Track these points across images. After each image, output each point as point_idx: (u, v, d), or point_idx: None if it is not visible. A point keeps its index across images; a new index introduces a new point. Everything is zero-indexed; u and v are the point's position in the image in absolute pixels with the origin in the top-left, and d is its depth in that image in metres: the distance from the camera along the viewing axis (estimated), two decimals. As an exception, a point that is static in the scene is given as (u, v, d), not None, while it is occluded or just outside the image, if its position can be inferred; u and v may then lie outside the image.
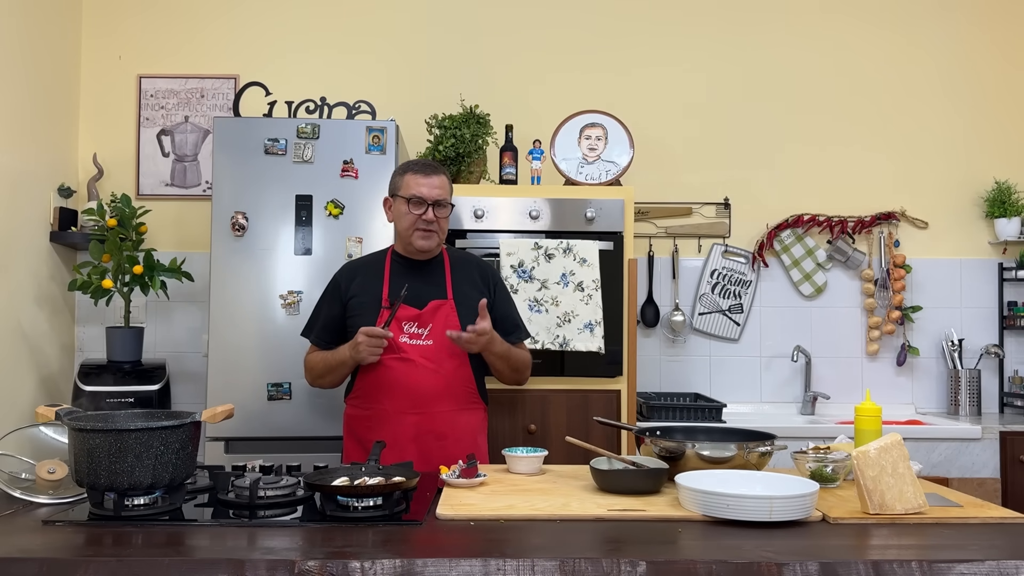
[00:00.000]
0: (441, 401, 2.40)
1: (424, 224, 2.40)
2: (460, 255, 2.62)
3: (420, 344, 2.40)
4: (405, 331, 2.40)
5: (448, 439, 2.37)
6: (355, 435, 2.47)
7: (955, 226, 3.89)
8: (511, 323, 2.56)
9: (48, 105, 3.52)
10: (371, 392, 2.42)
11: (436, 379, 2.39)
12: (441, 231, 2.45)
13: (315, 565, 1.36)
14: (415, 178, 2.41)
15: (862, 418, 2.10)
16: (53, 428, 1.97)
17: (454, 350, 2.40)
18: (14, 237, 3.23)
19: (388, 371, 2.38)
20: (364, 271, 2.52)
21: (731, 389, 3.81)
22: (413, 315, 2.40)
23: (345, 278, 2.52)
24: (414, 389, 2.38)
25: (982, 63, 3.92)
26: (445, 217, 2.45)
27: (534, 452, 2.12)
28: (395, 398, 2.38)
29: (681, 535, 1.56)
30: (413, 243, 2.43)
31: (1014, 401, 3.75)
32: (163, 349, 3.69)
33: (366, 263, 2.56)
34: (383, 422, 2.38)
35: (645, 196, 3.77)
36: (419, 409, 2.38)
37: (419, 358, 2.38)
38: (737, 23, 3.90)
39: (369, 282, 2.48)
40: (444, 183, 2.44)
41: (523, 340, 2.60)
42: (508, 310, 2.58)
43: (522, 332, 2.61)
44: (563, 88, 3.81)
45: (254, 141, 3.13)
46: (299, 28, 3.83)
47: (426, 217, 2.39)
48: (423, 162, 2.49)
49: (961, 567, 1.39)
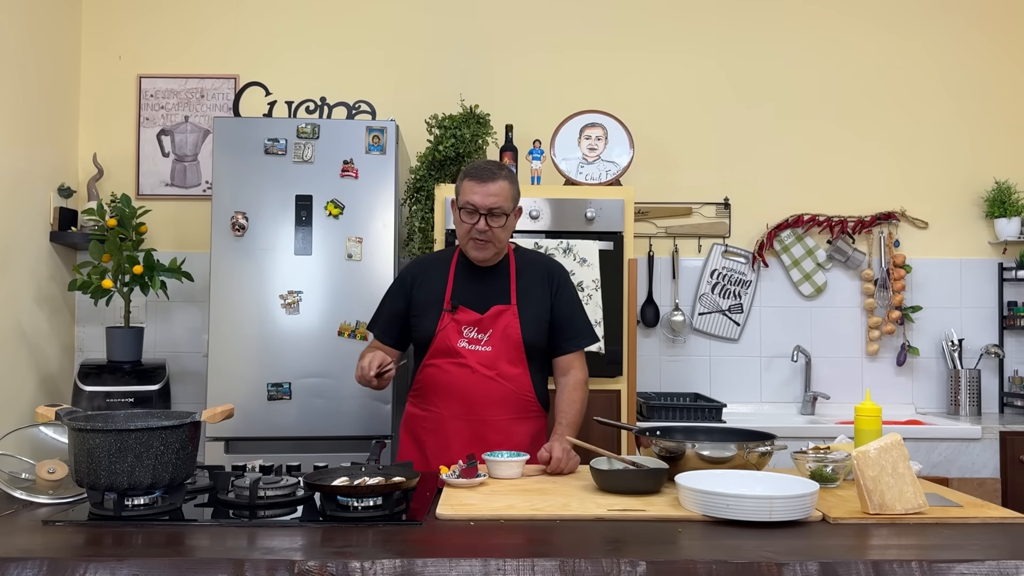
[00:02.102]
0: (496, 409, 2.33)
1: (477, 234, 2.30)
2: (528, 256, 2.49)
3: (479, 350, 2.33)
4: (464, 335, 2.33)
5: (503, 448, 2.21)
6: (412, 433, 2.42)
7: (955, 226, 3.89)
8: (569, 328, 2.42)
9: (48, 105, 3.52)
10: (428, 393, 2.38)
11: (492, 386, 2.32)
12: (497, 240, 2.32)
13: (315, 565, 1.36)
14: (470, 185, 2.30)
15: (862, 418, 2.10)
16: (53, 428, 1.97)
17: (514, 357, 2.34)
18: (14, 237, 3.23)
19: (445, 374, 2.33)
20: (431, 268, 2.44)
21: (731, 389, 3.80)
22: (474, 320, 2.33)
23: (412, 273, 2.45)
24: (469, 395, 2.32)
25: (982, 63, 3.92)
26: (502, 226, 2.31)
27: (515, 456, 2.06)
28: (450, 402, 2.33)
29: (681, 535, 1.56)
30: (468, 253, 2.36)
31: (1014, 401, 3.75)
32: (163, 349, 3.69)
33: (435, 260, 2.49)
34: (438, 425, 2.34)
35: (645, 196, 3.77)
36: (474, 415, 2.32)
37: (477, 364, 2.31)
38: (737, 23, 3.90)
39: (434, 281, 2.40)
40: (502, 189, 2.29)
41: (583, 348, 2.44)
42: (569, 312, 2.43)
43: (583, 338, 2.44)
44: (563, 88, 3.81)
45: (254, 141, 3.14)
46: (299, 28, 3.83)
47: (478, 227, 2.28)
48: (482, 166, 2.34)
49: (961, 567, 1.39)
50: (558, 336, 2.41)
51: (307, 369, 3.10)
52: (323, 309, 3.13)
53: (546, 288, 2.41)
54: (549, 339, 2.42)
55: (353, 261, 3.14)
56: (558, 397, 2.40)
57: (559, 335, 2.41)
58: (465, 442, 2.29)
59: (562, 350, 2.43)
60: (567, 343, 2.42)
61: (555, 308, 2.41)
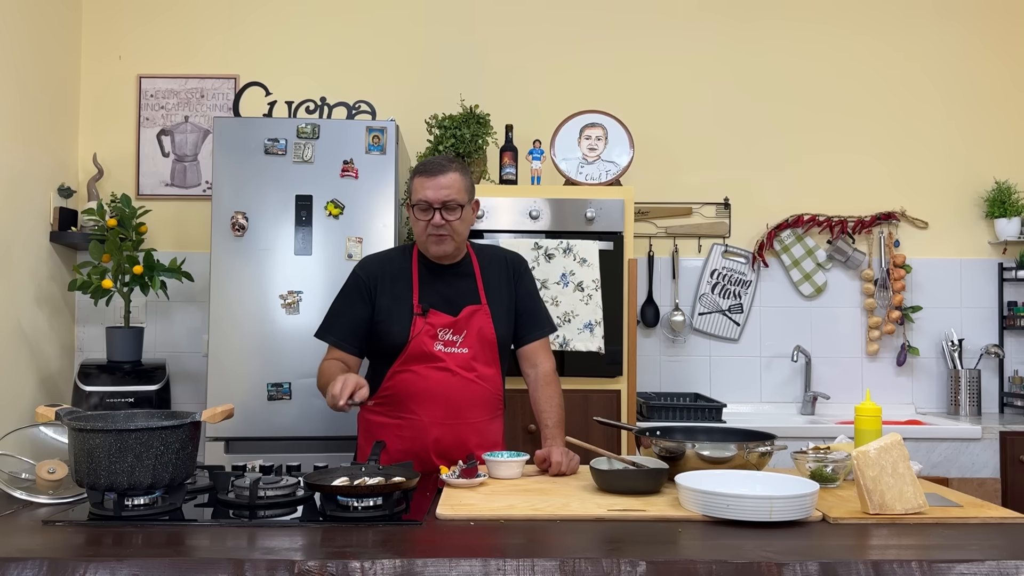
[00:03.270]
0: (476, 410, 2.29)
1: (434, 229, 2.24)
2: (487, 251, 2.45)
3: (456, 352, 2.27)
4: (440, 338, 2.27)
5: (480, 449, 2.24)
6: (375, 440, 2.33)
7: (955, 226, 3.89)
8: (533, 317, 2.41)
9: (48, 105, 3.52)
10: (402, 400, 2.29)
11: (473, 388, 2.28)
12: (456, 233, 2.26)
13: (315, 565, 1.36)
14: (420, 181, 2.25)
15: (862, 418, 2.10)
16: (53, 428, 1.97)
17: (489, 358, 2.32)
18: (14, 237, 3.23)
19: (423, 379, 2.26)
20: (389, 270, 2.35)
21: (731, 389, 3.80)
22: (448, 322, 2.28)
23: (368, 275, 2.35)
24: (451, 399, 2.26)
25: (982, 63, 3.92)
26: (459, 219, 2.25)
27: (515, 456, 2.06)
28: (432, 408, 2.26)
29: (681, 535, 1.56)
30: (427, 250, 2.30)
31: (1014, 401, 3.75)
32: (163, 349, 3.69)
33: (390, 261, 2.39)
34: (418, 432, 2.27)
35: (645, 196, 3.78)
36: (455, 419, 2.27)
37: (456, 367, 2.27)
38: (738, 23, 3.90)
39: (396, 284, 2.32)
40: (453, 181, 2.24)
41: (547, 335, 2.43)
42: (531, 302, 2.42)
43: (546, 327, 2.43)
44: (563, 88, 3.81)
45: (254, 141, 3.13)
46: (299, 28, 3.83)
47: (434, 222, 2.23)
48: (430, 161, 2.29)
49: (961, 567, 1.39)
50: (522, 326, 2.39)
51: (307, 369, 3.09)
52: (323, 309, 3.08)
53: (509, 281, 2.39)
54: (514, 330, 2.40)
55: (353, 261, 3.12)
56: (533, 395, 2.37)
57: (523, 325, 2.39)
58: (444, 447, 2.25)
59: (528, 339, 2.40)
60: (531, 333, 2.40)
61: (518, 299, 2.39)
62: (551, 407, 2.33)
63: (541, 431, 2.30)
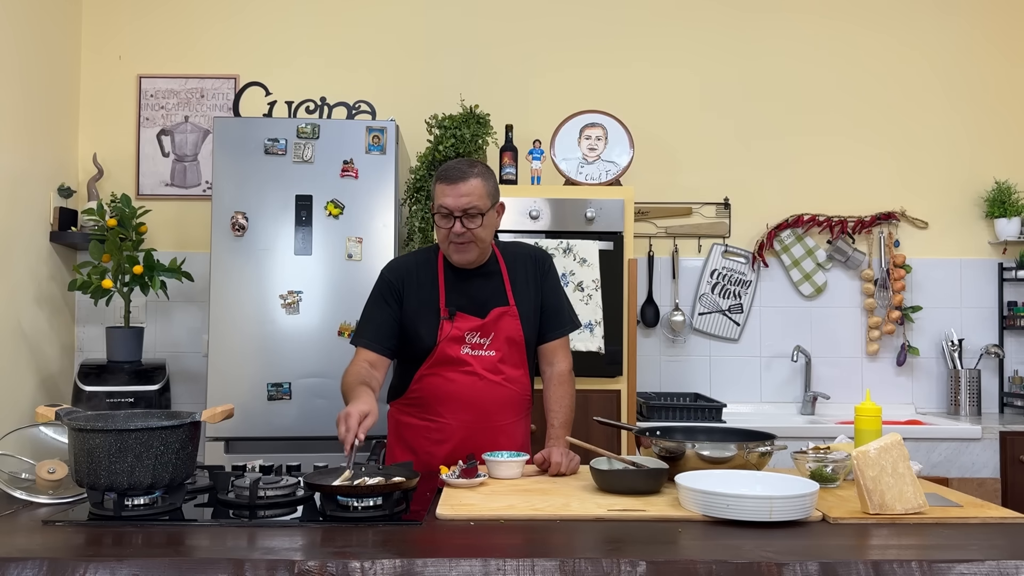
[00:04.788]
0: (503, 413, 2.28)
1: (455, 237, 2.20)
2: (512, 249, 2.41)
3: (483, 355, 2.26)
4: (467, 341, 2.25)
5: (508, 449, 2.21)
6: (405, 442, 2.33)
7: (955, 226, 3.89)
8: (557, 314, 2.37)
9: (48, 105, 3.52)
10: (431, 403, 2.28)
11: (500, 392, 2.27)
12: (480, 241, 2.22)
13: (315, 565, 1.36)
14: (441, 187, 2.20)
15: (862, 418, 2.10)
16: (53, 428, 1.97)
17: (516, 360, 2.30)
18: (14, 237, 3.23)
19: (450, 383, 2.25)
20: (417, 273, 2.32)
21: (731, 389, 3.80)
22: (476, 325, 2.25)
23: (396, 278, 2.32)
24: (479, 403, 2.25)
25: (982, 62, 3.92)
26: (480, 226, 2.20)
27: (515, 456, 2.06)
28: (460, 411, 2.25)
29: (681, 535, 1.56)
30: (450, 257, 2.27)
31: (1014, 401, 3.75)
32: (163, 349, 3.69)
33: (417, 264, 2.35)
34: (448, 435, 2.26)
35: (645, 196, 3.77)
36: (484, 422, 2.26)
37: (484, 371, 2.25)
38: (737, 23, 3.90)
39: (423, 287, 2.30)
40: (474, 188, 2.18)
41: (568, 334, 2.40)
42: (555, 298, 2.39)
43: (566, 325, 2.39)
44: (563, 88, 3.81)
45: (254, 141, 3.14)
46: (299, 28, 3.83)
47: (455, 230, 2.19)
48: (451, 167, 2.23)
49: (961, 567, 1.39)
50: (544, 324, 2.37)
51: (307, 369, 3.10)
52: (323, 309, 3.13)
53: (535, 278, 2.36)
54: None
55: (353, 261, 3.14)
56: (546, 393, 2.36)
57: (546, 323, 2.37)
58: (474, 449, 2.21)
59: (549, 337, 2.38)
60: (554, 330, 2.38)
61: (544, 296, 2.37)
62: (560, 407, 2.32)
63: (547, 430, 2.30)
